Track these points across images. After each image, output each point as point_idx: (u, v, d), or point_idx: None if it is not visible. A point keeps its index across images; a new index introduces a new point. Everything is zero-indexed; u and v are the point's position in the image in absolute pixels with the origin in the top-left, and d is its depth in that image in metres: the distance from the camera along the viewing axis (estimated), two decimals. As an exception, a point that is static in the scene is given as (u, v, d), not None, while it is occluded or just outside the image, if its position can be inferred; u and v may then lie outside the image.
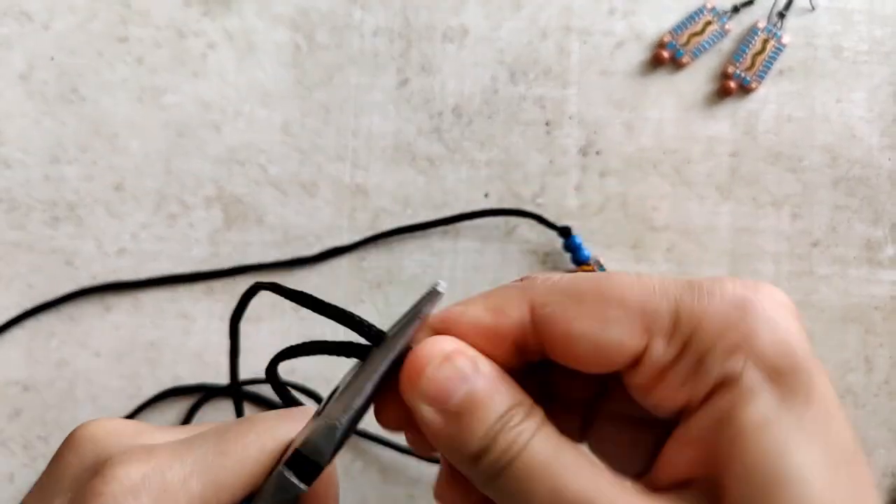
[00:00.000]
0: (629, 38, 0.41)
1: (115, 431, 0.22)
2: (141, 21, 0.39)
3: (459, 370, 0.19)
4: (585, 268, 0.40)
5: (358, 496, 0.39)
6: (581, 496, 0.17)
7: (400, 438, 0.39)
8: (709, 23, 0.41)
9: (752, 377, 0.18)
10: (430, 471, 0.39)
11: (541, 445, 0.18)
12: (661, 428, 0.20)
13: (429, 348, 0.20)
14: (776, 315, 0.18)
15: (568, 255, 0.40)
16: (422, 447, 0.22)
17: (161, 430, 0.22)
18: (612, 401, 0.22)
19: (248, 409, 0.39)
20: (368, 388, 0.20)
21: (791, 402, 0.17)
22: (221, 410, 0.39)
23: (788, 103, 0.42)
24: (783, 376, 0.18)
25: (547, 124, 0.41)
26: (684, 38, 0.41)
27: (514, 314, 0.20)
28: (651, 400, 0.20)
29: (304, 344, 0.22)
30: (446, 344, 0.20)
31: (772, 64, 0.41)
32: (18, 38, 0.39)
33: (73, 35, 0.39)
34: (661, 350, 0.19)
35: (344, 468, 0.38)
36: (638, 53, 0.41)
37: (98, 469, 0.20)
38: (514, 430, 0.19)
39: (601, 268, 0.40)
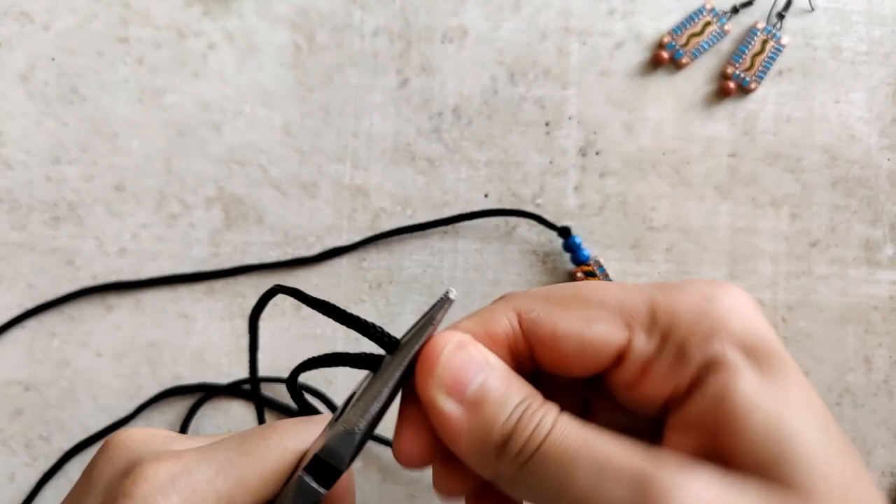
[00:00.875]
0: (628, 39, 0.41)
1: (145, 439, 0.23)
2: (141, 21, 0.39)
3: (473, 357, 0.20)
4: (585, 268, 0.40)
5: (358, 496, 0.39)
6: (628, 465, 0.17)
7: (400, 438, 0.39)
8: (708, 23, 0.41)
9: (735, 357, 0.19)
10: (430, 472, 0.39)
11: (570, 425, 0.19)
12: (646, 437, 0.20)
13: (440, 337, 0.20)
14: (741, 305, 0.20)
15: (568, 256, 0.40)
16: (446, 481, 0.22)
17: (189, 438, 0.23)
18: (596, 413, 0.23)
19: (248, 408, 0.39)
20: (385, 394, 0.21)
21: (772, 377, 0.18)
22: (222, 410, 0.39)
23: (787, 104, 0.42)
24: (760, 355, 0.19)
25: (546, 125, 0.41)
26: (683, 39, 0.41)
27: (503, 322, 0.21)
28: (637, 396, 0.20)
29: (324, 356, 0.23)
30: (457, 334, 0.21)
31: (771, 64, 0.41)
32: (19, 38, 0.39)
33: (74, 35, 0.39)
34: (643, 343, 0.20)
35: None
36: (637, 54, 0.41)
37: (129, 471, 0.21)
38: (537, 413, 0.19)
39: (601, 268, 0.40)
